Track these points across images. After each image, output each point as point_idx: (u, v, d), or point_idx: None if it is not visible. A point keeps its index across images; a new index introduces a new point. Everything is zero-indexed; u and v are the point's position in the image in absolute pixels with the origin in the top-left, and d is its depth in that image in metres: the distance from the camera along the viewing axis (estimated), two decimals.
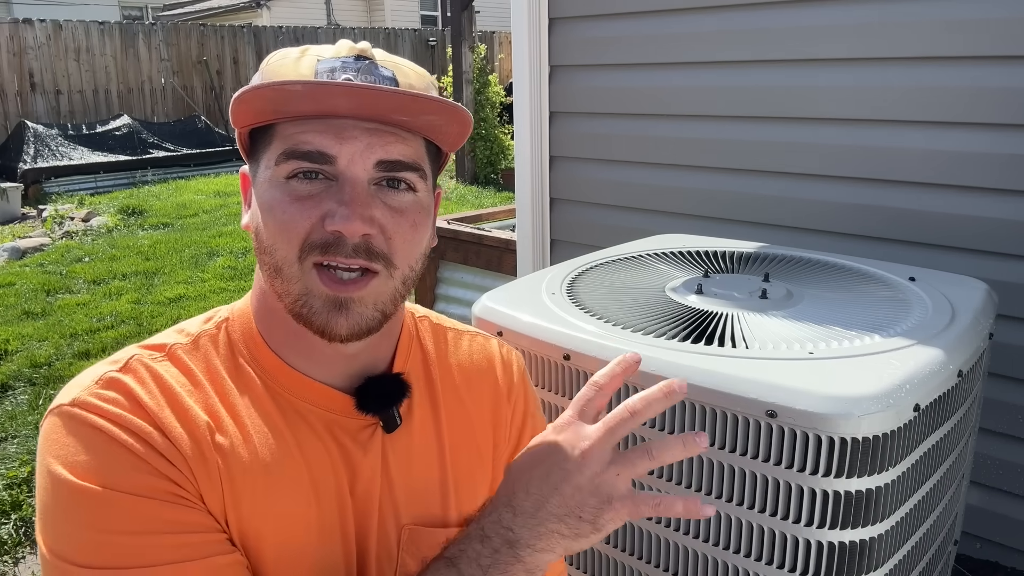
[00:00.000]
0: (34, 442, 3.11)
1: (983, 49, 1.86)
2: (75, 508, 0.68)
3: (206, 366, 0.77)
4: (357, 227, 0.70)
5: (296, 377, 0.78)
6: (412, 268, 0.77)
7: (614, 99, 2.62)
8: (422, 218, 0.76)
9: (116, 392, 0.72)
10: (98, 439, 0.69)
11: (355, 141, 0.72)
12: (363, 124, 0.72)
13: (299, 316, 0.73)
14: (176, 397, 0.74)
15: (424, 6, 18.05)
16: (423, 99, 0.70)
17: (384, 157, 0.73)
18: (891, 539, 1.09)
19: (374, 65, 0.75)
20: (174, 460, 0.70)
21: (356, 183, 0.72)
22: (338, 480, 0.78)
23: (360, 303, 0.73)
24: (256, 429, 0.76)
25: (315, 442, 0.77)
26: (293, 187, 0.72)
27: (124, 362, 0.75)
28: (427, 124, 0.74)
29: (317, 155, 0.71)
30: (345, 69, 0.73)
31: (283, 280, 0.73)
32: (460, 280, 3.53)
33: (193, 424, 0.72)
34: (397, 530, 0.82)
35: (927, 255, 2.00)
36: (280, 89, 0.69)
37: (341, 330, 0.73)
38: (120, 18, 18.48)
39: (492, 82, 9.57)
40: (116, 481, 0.68)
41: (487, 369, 0.94)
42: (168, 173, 9.64)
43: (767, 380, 1.04)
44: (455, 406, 0.89)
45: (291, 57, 0.76)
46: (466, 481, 0.88)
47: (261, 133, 0.76)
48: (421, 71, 0.80)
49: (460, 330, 0.96)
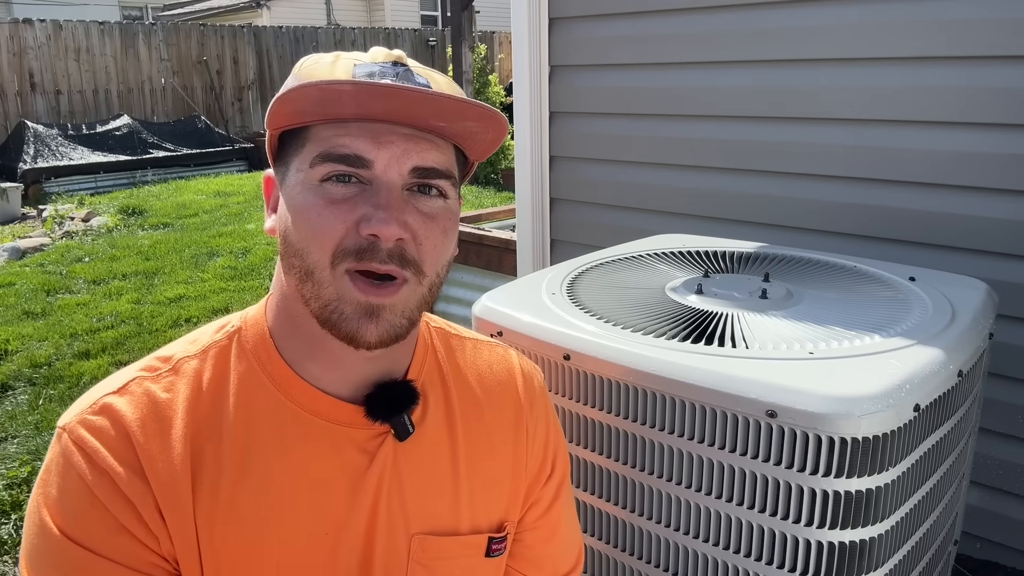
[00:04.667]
0: (34, 442, 3.11)
1: (983, 49, 1.86)
2: (44, 546, 0.70)
3: (211, 380, 0.77)
4: (394, 231, 0.70)
5: (305, 389, 0.78)
6: (439, 275, 0.77)
7: (614, 99, 2.62)
8: (451, 225, 0.77)
9: (106, 419, 0.72)
10: (73, 482, 0.71)
11: (392, 146, 0.71)
12: (400, 129, 0.72)
13: (327, 322, 0.73)
14: (168, 424, 0.74)
15: (424, 6, 18.05)
16: (465, 104, 0.70)
17: (420, 164, 0.73)
18: (891, 539, 1.09)
19: (411, 72, 0.75)
20: (140, 505, 0.71)
21: (392, 188, 0.71)
22: (338, 495, 0.77)
23: (390, 311, 0.73)
24: (257, 446, 0.75)
25: (316, 457, 0.77)
26: (327, 190, 0.71)
27: (124, 384, 0.75)
28: (464, 130, 0.75)
29: (354, 159, 0.71)
30: (384, 74, 0.73)
31: (314, 284, 0.72)
32: (460, 280, 3.53)
33: (179, 455, 0.73)
34: (407, 539, 0.81)
35: (927, 255, 2.00)
36: (328, 88, 0.69)
37: (371, 337, 0.72)
38: (120, 18, 18.48)
39: (492, 82, 9.57)
40: (79, 533, 0.69)
41: (507, 380, 0.93)
42: (168, 173, 9.64)
43: (767, 380, 1.04)
44: (473, 415, 0.88)
45: (325, 62, 0.76)
46: (482, 491, 0.87)
47: (292, 136, 0.75)
48: (452, 81, 0.80)
49: (478, 340, 0.96)
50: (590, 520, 1.27)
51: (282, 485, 0.75)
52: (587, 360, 1.19)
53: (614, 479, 1.21)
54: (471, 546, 0.86)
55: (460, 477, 0.85)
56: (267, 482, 0.75)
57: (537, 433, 0.94)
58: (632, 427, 1.16)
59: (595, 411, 1.20)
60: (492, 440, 0.89)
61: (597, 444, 1.21)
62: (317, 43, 12.64)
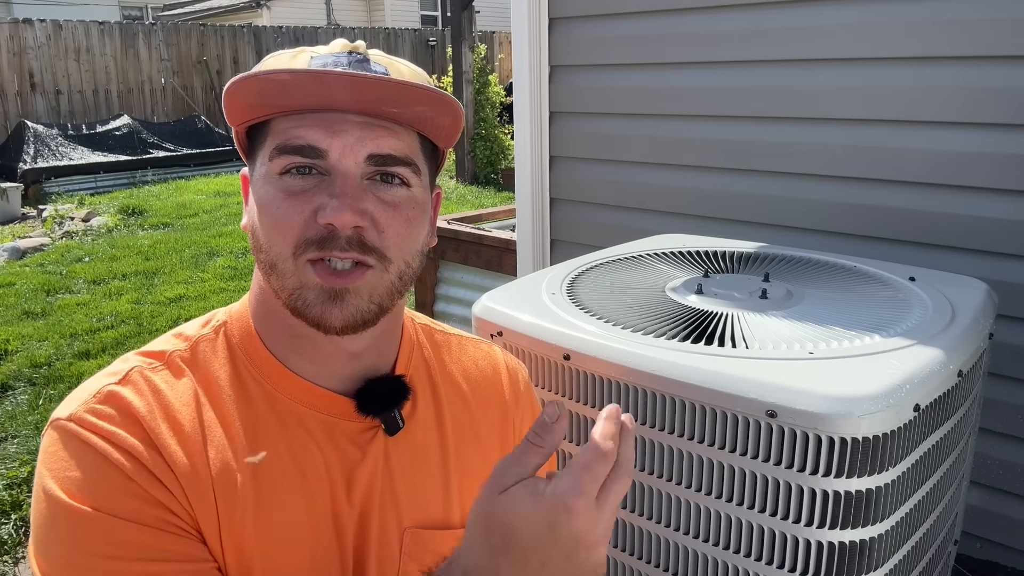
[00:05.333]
0: (34, 442, 3.11)
1: (982, 49, 1.86)
2: (58, 524, 0.68)
3: (203, 375, 0.77)
4: (348, 218, 0.70)
5: (295, 381, 0.78)
6: (408, 264, 0.76)
7: (614, 99, 2.62)
8: (416, 214, 0.76)
9: (113, 407, 0.72)
10: (90, 457, 0.69)
11: (346, 135, 0.71)
12: (354, 118, 0.72)
13: (294, 310, 0.73)
14: (173, 411, 0.73)
15: (424, 6, 18.05)
16: (412, 88, 0.70)
17: (375, 151, 0.72)
18: (891, 539, 1.09)
19: (366, 61, 0.75)
20: (166, 480, 0.70)
21: (347, 176, 0.71)
22: (333, 486, 0.77)
23: (355, 294, 0.73)
24: (251, 439, 0.75)
25: (311, 448, 0.77)
26: (286, 183, 0.72)
27: (124, 374, 0.75)
28: (418, 116, 0.74)
29: (308, 149, 0.71)
30: (337, 64, 0.73)
31: (278, 276, 0.73)
32: (460, 280, 3.52)
33: (189, 439, 0.72)
34: (399, 533, 0.81)
35: (927, 255, 2.00)
36: (267, 79, 0.69)
37: (336, 321, 0.72)
38: (120, 18, 18.48)
39: (492, 82, 9.56)
40: (101, 502, 0.68)
41: (492, 377, 0.94)
42: (168, 173, 9.64)
43: (767, 380, 1.04)
44: (460, 410, 0.89)
45: (285, 56, 0.77)
46: (472, 484, 0.87)
47: (257, 131, 0.76)
48: (417, 69, 0.80)
49: (463, 336, 0.96)
50: None
51: (279, 476, 0.75)
52: (587, 360, 1.19)
53: None
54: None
55: (450, 471, 0.86)
56: (264, 473, 0.74)
57: (523, 428, 0.94)
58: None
59: (595, 411, 1.20)
60: (479, 434, 0.90)
61: None
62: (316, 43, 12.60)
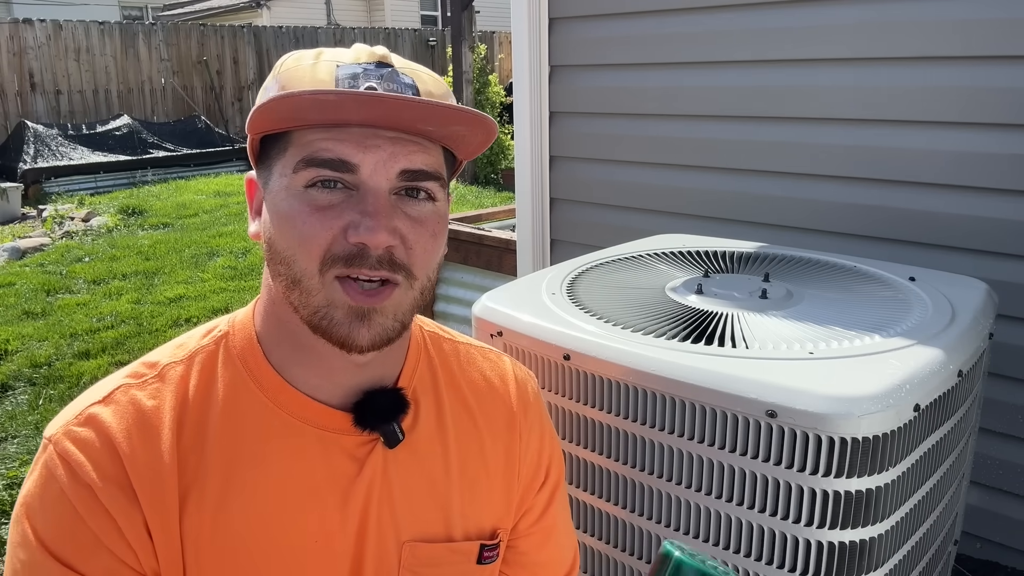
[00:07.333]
0: (34, 442, 3.11)
1: (983, 49, 1.86)
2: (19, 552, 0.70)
3: (197, 387, 0.76)
4: (382, 239, 0.69)
5: (293, 395, 0.77)
6: (429, 278, 0.76)
7: (614, 99, 2.62)
8: (440, 227, 0.75)
9: (92, 430, 0.72)
10: (53, 492, 0.70)
11: (378, 150, 0.70)
12: (386, 133, 0.70)
13: (318, 328, 0.72)
14: (154, 432, 0.73)
15: (424, 6, 18.05)
16: (453, 110, 0.69)
17: (408, 167, 0.71)
18: (891, 539, 1.09)
19: (396, 72, 0.73)
20: (123, 516, 0.70)
21: (379, 193, 0.70)
22: (324, 503, 0.77)
23: (382, 313, 0.71)
24: (238, 456, 0.74)
25: (307, 464, 0.76)
26: (312, 196, 0.70)
27: (108, 394, 0.74)
28: (452, 134, 0.73)
29: (339, 163, 0.69)
30: (367, 76, 0.71)
31: (302, 292, 0.71)
32: (460, 280, 3.52)
33: (165, 460, 0.72)
34: (397, 547, 0.81)
35: (927, 255, 2.00)
36: (312, 99, 0.67)
37: (363, 341, 0.71)
38: (120, 18, 18.48)
39: (492, 82, 9.57)
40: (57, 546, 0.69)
41: (500, 387, 0.92)
42: (168, 173, 9.64)
43: (767, 380, 1.04)
44: (465, 421, 0.87)
45: (306, 61, 0.74)
46: (474, 498, 0.86)
47: (274, 139, 0.73)
48: (437, 77, 0.78)
49: (471, 345, 0.94)
50: (590, 520, 1.27)
51: (271, 493, 0.74)
52: (587, 360, 1.19)
53: (614, 479, 1.21)
54: (463, 553, 0.85)
55: (452, 484, 0.84)
56: (256, 490, 0.74)
57: (531, 440, 0.93)
58: (632, 427, 1.15)
59: (595, 411, 1.20)
60: (484, 447, 0.88)
61: (597, 444, 1.21)
62: (317, 43, 12.63)
